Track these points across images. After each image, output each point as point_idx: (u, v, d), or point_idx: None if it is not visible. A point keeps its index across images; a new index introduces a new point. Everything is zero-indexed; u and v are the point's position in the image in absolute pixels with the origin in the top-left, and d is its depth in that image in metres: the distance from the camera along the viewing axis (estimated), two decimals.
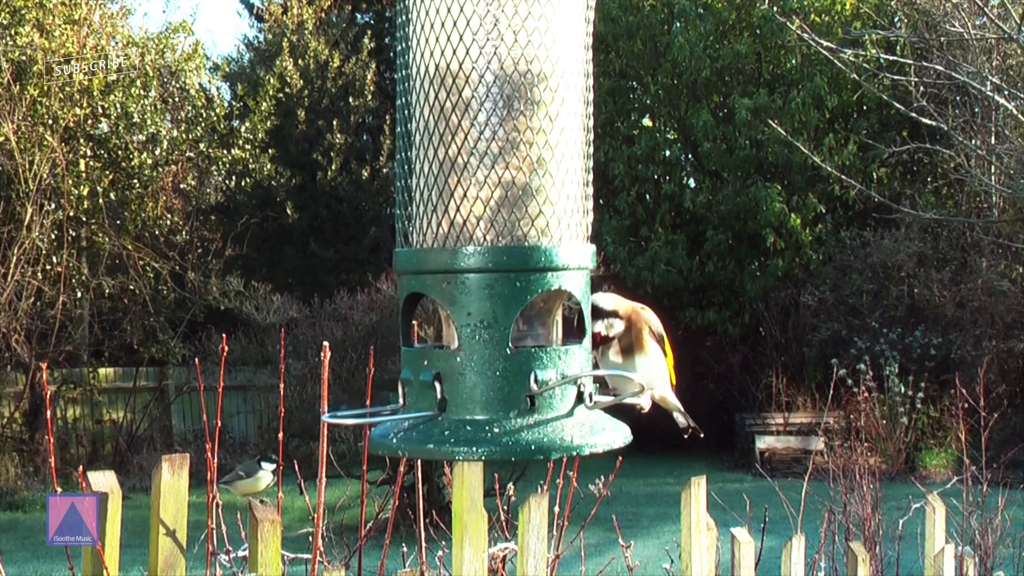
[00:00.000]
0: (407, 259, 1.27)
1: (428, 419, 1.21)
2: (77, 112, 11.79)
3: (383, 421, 1.26)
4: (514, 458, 1.19)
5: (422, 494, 2.64)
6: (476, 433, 1.18)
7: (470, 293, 1.20)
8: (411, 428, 1.22)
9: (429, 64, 1.24)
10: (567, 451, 1.19)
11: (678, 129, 14.13)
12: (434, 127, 1.23)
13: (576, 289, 1.25)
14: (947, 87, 11.38)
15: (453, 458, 1.19)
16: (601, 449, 1.22)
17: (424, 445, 1.20)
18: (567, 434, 1.20)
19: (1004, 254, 12.53)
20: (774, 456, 11.97)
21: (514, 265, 1.20)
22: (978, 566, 3.92)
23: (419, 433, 1.21)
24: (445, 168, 1.23)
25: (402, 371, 1.26)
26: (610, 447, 1.23)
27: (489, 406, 1.20)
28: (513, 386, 1.20)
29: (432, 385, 1.21)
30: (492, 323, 1.20)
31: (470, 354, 1.20)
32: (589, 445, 1.21)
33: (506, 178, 1.22)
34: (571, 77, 1.26)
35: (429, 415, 1.21)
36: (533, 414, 1.20)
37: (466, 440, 1.18)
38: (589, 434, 1.22)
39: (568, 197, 1.25)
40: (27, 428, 11.84)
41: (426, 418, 1.21)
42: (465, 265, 1.20)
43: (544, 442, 1.18)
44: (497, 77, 1.21)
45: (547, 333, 1.28)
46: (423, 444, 1.20)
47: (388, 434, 1.23)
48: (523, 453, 1.18)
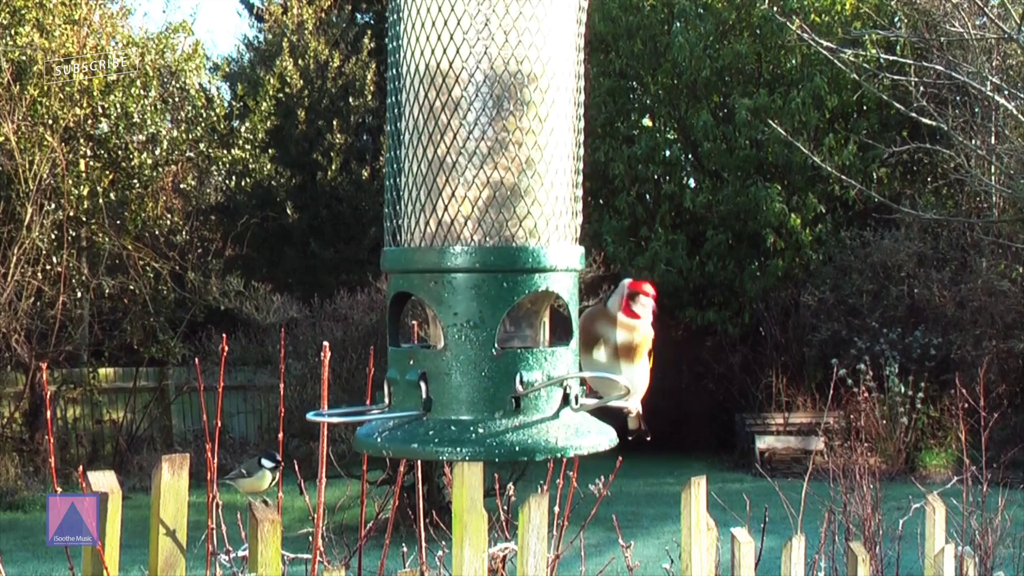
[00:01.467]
0: (395, 258, 1.26)
1: (413, 419, 1.21)
2: (77, 112, 11.79)
3: (369, 420, 1.25)
4: (498, 459, 1.18)
5: (422, 494, 2.63)
6: (461, 433, 1.18)
7: (457, 293, 1.20)
8: (396, 427, 1.21)
9: (419, 63, 1.23)
10: (552, 453, 1.19)
11: (678, 129, 14.13)
12: (423, 126, 1.23)
13: (564, 291, 1.25)
14: (947, 87, 11.37)
15: (437, 458, 1.18)
16: (586, 451, 1.22)
17: (408, 445, 1.19)
18: (552, 436, 1.20)
19: (1004, 254, 12.52)
20: (774, 456, 11.96)
21: (502, 266, 1.20)
22: (978, 566, 3.92)
23: (404, 433, 1.20)
24: (434, 167, 1.22)
25: (389, 370, 1.26)
26: (595, 449, 1.22)
27: (474, 406, 1.19)
28: (499, 387, 1.19)
29: (418, 385, 1.20)
30: (479, 323, 1.19)
31: (456, 354, 1.20)
32: (574, 447, 1.20)
33: (495, 178, 1.21)
34: (562, 78, 1.25)
35: (414, 415, 1.21)
36: (518, 415, 1.20)
37: (450, 440, 1.17)
38: (574, 436, 1.21)
39: (557, 198, 1.25)
40: (27, 428, 11.83)
41: (411, 418, 1.21)
42: (452, 265, 1.20)
43: (529, 444, 1.18)
44: (487, 77, 1.21)
45: (534, 334, 1.27)
46: (407, 444, 1.19)
47: (373, 433, 1.23)
48: (507, 454, 1.17)
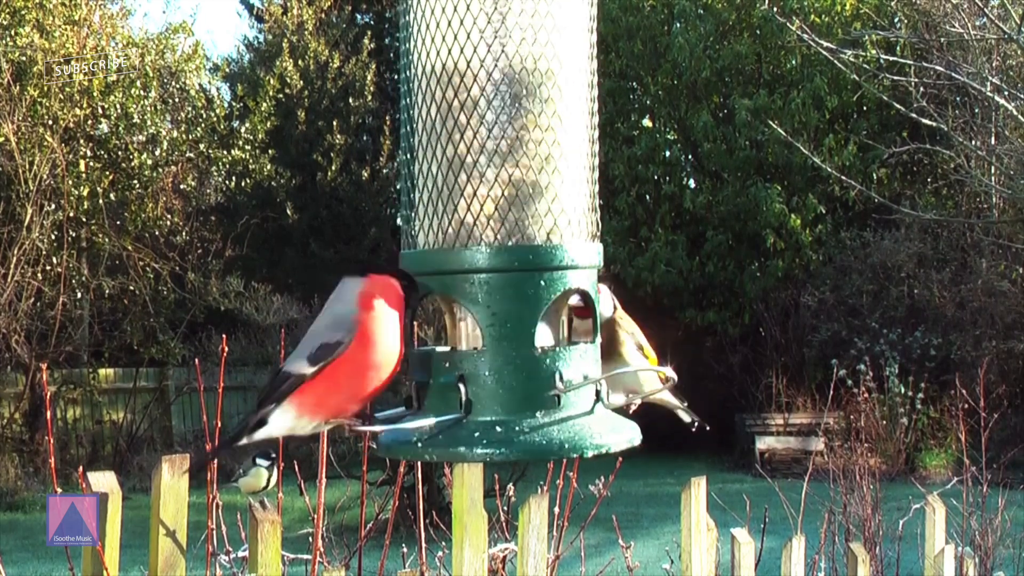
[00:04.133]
0: (421, 260, 1.23)
1: (454, 422, 1.18)
2: (77, 113, 11.78)
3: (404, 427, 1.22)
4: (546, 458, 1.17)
5: (422, 495, 2.63)
6: (507, 434, 1.16)
7: (493, 293, 1.18)
8: (437, 432, 1.18)
9: (435, 63, 1.21)
10: (596, 449, 1.18)
11: (678, 130, 14.12)
12: (441, 126, 1.21)
13: (587, 288, 1.24)
14: (947, 88, 11.37)
15: (485, 460, 1.17)
16: (624, 446, 1.21)
17: (453, 448, 1.17)
18: (594, 431, 1.19)
19: (1004, 255, 12.52)
20: (774, 456, 11.96)
21: (537, 264, 1.18)
22: (978, 567, 3.92)
23: (446, 436, 1.18)
24: (454, 168, 1.20)
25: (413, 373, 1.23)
26: (631, 444, 1.22)
27: (517, 406, 1.18)
28: (540, 385, 1.18)
29: (455, 387, 1.18)
30: (518, 323, 1.18)
31: (496, 354, 1.18)
32: (614, 443, 1.20)
33: (516, 176, 1.20)
34: (577, 74, 1.24)
35: (454, 417, 1.18)
36: (560, 412, 1.19)
37: (497, 441, 1.16)
38: (611, 432, 1.21)
39: (578, 195, 1.23)
40: (27, 429, 11.82)
41: (452, 421, 1.18)
42: (488, 265, 1.18)
43: (574, 440, 1.17)
44: (505, 75, 1.20)
45: (555, 332, 1.26)
46: (451, 447, 1.17)
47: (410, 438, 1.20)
48: (554, 452, 1.16)
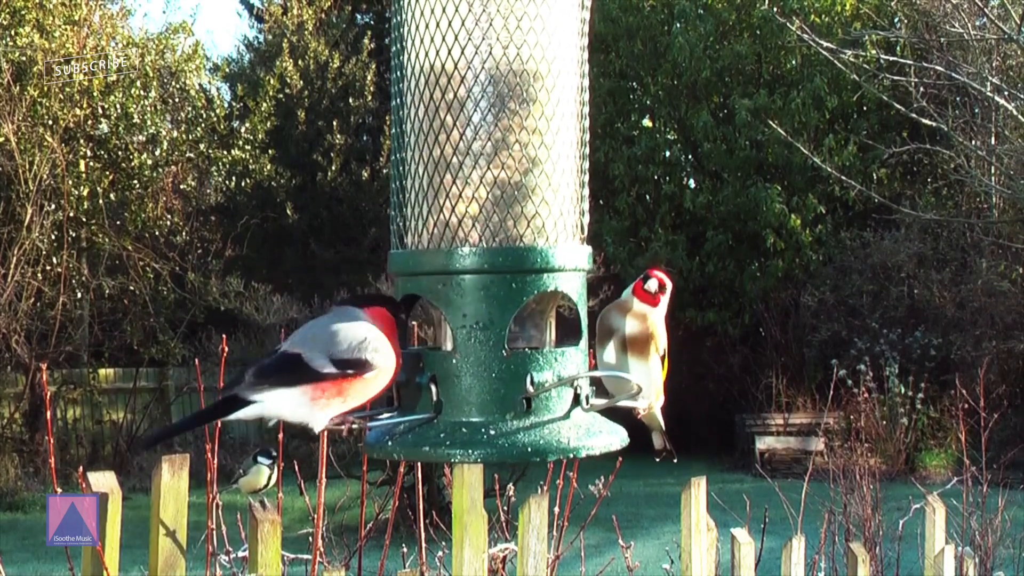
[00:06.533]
0: (402, 261, 1.25)
1: (424, 422, 1.20)
2: (77, 113, 11.79)
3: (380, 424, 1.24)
4: (510, 460, 1.18)
5: (422, 495, 2.63)
6: (472, 435, 1.17)
7: (466, 295, 1.19)
8: (407, 431, 1.20)
9: (424, 63, 1.22)
10: (564, 453, 1.18)
11: (678, 130, 14.12)
12: (428, 126, 1.21)
13: (572, 291, 1.24)
14: (947, 88, 11.37)
15: (449, 460, 1.18)
16: (598, 451, 1.21)
17: (420, 448, 1.18)
18: (564, 436, 1.19)
19: (1004, 255, 12.52)
20: (774, 457, 11.96)
21: (510, 266, 1.19)
22: (978, 567, 3.92)
23: (415, 436, 1.20)
24: (440, 168, 1.21)
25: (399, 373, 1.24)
26: (607, 449, 1.22)
27: (485, 408, 1.18)
28: (509, 388, 1.19)
29: (428, 387, 1.19)
30: (488, 325, 1.18)
31: (465, 356, 1.19)
32: (586, 447, 1.20)
33: (501, 178, 1.20)
34: (567, 77, 1.24)
35: (425, 417, 1.20)
36: (529, 416, 1.19)
37: (462, 443, 1.17)
38: (586, 436, 1.21)
39: (564, 198, 1.23)
40: (27, 429, 11.82)
41: (422, 421, 1.20)
42: (460, 266, 1.18)
43: (540, 444, 1.17)
44: (492, 76, 1.20)
45: (540, 335, 1.26)
46: (419, 447, 1.19)
47: (384, 437, 1.22)
48: (519, 455, 1.17)
